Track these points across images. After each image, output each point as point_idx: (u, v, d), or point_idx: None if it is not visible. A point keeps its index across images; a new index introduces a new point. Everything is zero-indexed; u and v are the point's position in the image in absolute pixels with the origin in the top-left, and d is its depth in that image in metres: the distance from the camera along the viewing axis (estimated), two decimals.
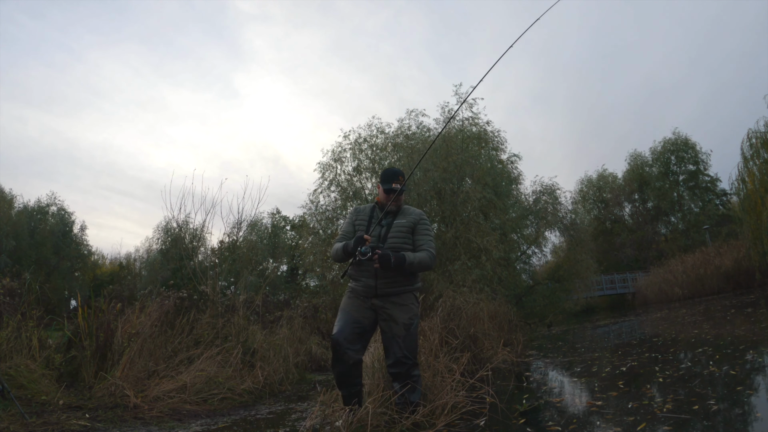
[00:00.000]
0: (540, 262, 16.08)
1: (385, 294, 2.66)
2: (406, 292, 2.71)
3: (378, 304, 2.66)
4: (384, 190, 2.80)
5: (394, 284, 2.67)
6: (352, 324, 2.61)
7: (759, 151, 13.40)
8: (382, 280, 2.65)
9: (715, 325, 7.21)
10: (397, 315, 2.64)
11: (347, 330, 2.58)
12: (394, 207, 2.79)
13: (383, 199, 2.83)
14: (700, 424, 2.38)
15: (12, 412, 3.09)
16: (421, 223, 2.79)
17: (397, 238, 2.73)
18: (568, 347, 7.36)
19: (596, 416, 2.79)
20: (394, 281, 2.67)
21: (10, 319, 4.31)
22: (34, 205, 27.02)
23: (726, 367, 3.77)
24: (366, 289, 2.69)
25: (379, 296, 2.66)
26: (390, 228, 2.75)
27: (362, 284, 2.70)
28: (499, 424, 2.71)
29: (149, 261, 28.88)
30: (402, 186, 2.76)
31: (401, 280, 2.69)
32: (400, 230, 2.74)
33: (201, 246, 12.82)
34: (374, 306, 2.67)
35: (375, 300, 2.66)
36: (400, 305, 2.67)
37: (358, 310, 2.68)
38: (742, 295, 13.23)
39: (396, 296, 2.67)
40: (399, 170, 2.86)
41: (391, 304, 2.65)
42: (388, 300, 2.66)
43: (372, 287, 2.66)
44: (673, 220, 27.01)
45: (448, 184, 10.55)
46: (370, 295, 2.67)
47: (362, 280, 2.70)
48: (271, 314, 6.82)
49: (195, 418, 3.62)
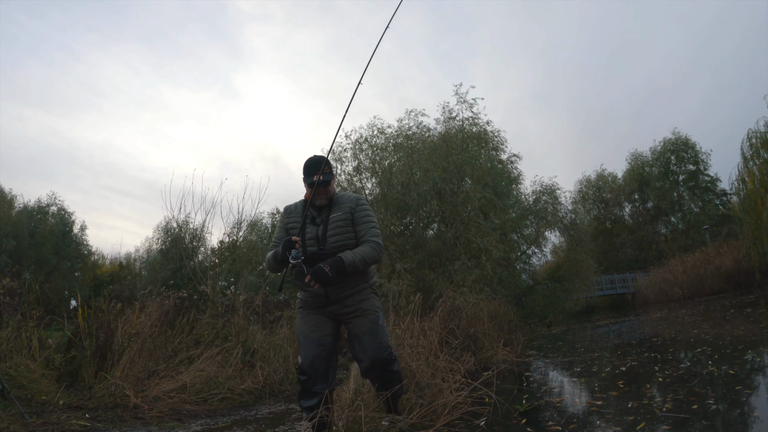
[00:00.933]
0: (540, 262, 16.12)
1: (340, 299, 2.37)
2: (361, 290, 2.42)
3: (336, 309, 2.38)
4: (307, 186, 2.43)
5: (345, 287, 2.37)
6: (318, 348, 2.30)
7: (759, 151, 13.40)
8: (332, 286, 2.33)
9: (714, 325, 7.21)
10: (360, 311, 2.38)
11: (314, 357, 2.27)
12: (323, 201, 2.42)
13: (309, 196, 2.45)
14: (699, 424, 2.39)
15: (12, 412, 3.09)
16: (358, 210, 2.42)
17: (338, 235, 2.36)
18: (568, 347, 7.36)
19: (596, 416, 2.79)
20: (345, 284, 2.36)
21: (10, 319, 4.31)
22: (34, 205, 27.07)
23: (725, 366, 3.77)
24: (317, 299, 2.39)
25: (333, 303, 2.37)
26: (327, 225, 2.38)
27: (311, 294, 2.40)
28: (500, 424, 2.71)
29: (149, 261, 28.89)
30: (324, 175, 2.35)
31: (353, 281, 2.39)
32: (338, 225, 2.37)
33: (201, 246, 12.86)
34: (332, 313, 2.39)
35: (330, 307, 2.38)
36: (360, 301, 2.39)
37: (316, 327, 2.36)
38: (742, 295, 13.23)
39: (351, 297, 2.39)
40: (321, 158, 2.44)
41: (350, 306, 2.38)
42: (345, 303, 2.38)
43: (322, 296, 2.36)
44: (673, 220, 27.01)
45: (448, 184, 10.56)
46: (323, 303, 2.38)
47: (310, 290, 2.36)
48: (271, 314, 6.82)
49: (195, 418, 3.62)
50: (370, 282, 2.47)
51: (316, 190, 2.37)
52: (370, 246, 2.33)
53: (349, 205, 2.42)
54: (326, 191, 2.40)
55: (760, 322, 6.84)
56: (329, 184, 2.39)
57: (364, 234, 2.36)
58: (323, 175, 2.33)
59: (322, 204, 2.42)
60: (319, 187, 2.36)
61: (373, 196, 11.59)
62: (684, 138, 26.45)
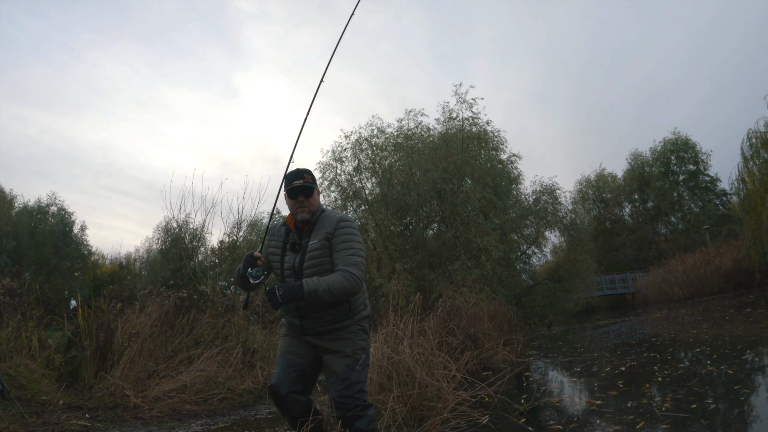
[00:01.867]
0: (540, 262, 16.11)
1: (316, 333, 2.09)
2: (343, 327, 2.09)
3: (314, 340, 2.11)
4: (288, 194, 2.07)
5: (325, 322, 2.06)
6: (290, 368, 2.09)
7: (759, 151, 13.41)
8: (309, 320, 2.06)
9: (713, 326, 7.21)
10: (336, 348, 2.07)
11: (284, 377, 2.07)
12: (305, 215, 2.06)
13: (292, 209, 2.10)
14: (698, 423, 2.39)
15: (12, 412, 3.09)
16: (337, 234, 2.03)
17: (314, 267, 2.02)
18: (567, 347, 7.37)
19: (596, 415, 2.79)
20: (323, 319, 2.05)
21: (10, 319, 4.31)
22: (34, 205, 27.05)
23: (724, 366, 3.78)
24: (291, 328, 2.16)
25: (308, 335, 2.11)
26: (305, 254, 2.05)
27: (288, 322, 2.18)
28: (499, 424, 2.71)
29: (149, 261, 28.88)
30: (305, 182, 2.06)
31: (333, 317, 2.05)
32: (313, 255, 2.03)
33: (201, 246, 12.84)
34: (311, 342, 2.13)
35: (306, 337, 2.12)
36: (340, 340, 2.08)
37: (293, 351, 2.14)
38: (742, 296, 13.23)
39: (330, 334, 2.09)
40: (305, 169, 2.14)
41: (328, 341, 2.08)
42: (322, 336, 2.09)
43: (297, 326, 2.11)
44: (673, 220, 27.01)
45: (448, 184, 10.56)
46: (299, 333, 2.13)
47: (287, 318, 2.17)
48: (271, 314, 6.82)
49: (195, 418, 3.62)
50: (356, 318, 2.12)
51: (298, 202, 2.05)
52: (341, 275, 1.92)
53: (326, 230, 2.04)
54: (309, 204, 2.06)
55: (759, 322, 6.85)
56: (311, 193, 2.07)
57: (339, 262, 1.98)
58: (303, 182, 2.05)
59: (303, 218, 2.07)
60: (300, 196, 2.04)
61: (373, 196, 11.61)
62: (684, 138, 26.46)
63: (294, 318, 2.11)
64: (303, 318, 2.07)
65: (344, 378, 2.01)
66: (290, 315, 2.13)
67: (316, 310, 2.04)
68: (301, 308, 2.05)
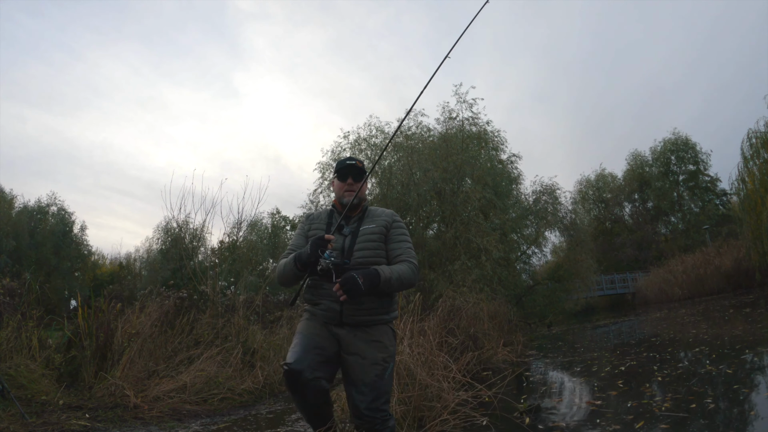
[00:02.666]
0: (540, 262, 16.11)
1: (354, 323, 1.97)
2: (380, 323, 2.02)
3: (343, 335, 1.97)
4: (338, 177, 2.12)
5: (365, 310, 1.97)
6: (313, 350, 1.91)
7: (759, 151, 13.41)
8: (350, 305, 1.94)
9: (713, 326, 7.22)
10: (367, 352, 1.94)
11: (307, 357, 1.87)
12: (354, 200, 2.08)
13: (339, 192, 2.12)
14: (697, 423, 2.39)
15: (12, 412, 3.10)
16: (395, 227, 2.10)
17: (367, 249, 2.01)
18: (567, 347, 7.37)
19: (596, 415, 2.80)
20: (365, 306, 1.97)
21: (10, 319, 4.31)
22: (34, 205, 27.07)
23: (722, 366, 3.79)
24: (328, 315, 1.99)
25: (346, 325, 1.98)
26: (356, 236, 2.03)
27: (323, 308, 2.01)
28: (500, 424, 2.71)
29: (149, 261, 28.90)
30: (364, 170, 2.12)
31: (375, 306, 1.99)
32: (369, 239, 2.03)
33: (201, 246, 12.84)
34: (338, 336, 1.99)
35: (339, 329, 1.98)
36: (372, 342, 1.97)
37: (318, 333, 1.98)
38: (742, 296, 13.24)
39: (368, 327, 1.99)
40: (356, 158, 2.20)
41: (360, 339, 1.97)
42: (356, 332, 1.98)
43: (336, 313, 1.97)
44: (673, 220, 27.03)
45: (448, 184, 10.57)
46: (334, 322, 1.99)
47: (323, 303, 2.01)
48: (271, 314, 6.83)
49: (195, 418, 3.62)
50: (391, 315, 2.06)
51: (347, 184, 2.09)
52: (408, 266, 1.98)
53: (385, 219, 2.10)
54: (357, 188, 2.10)
55: (758, 323, 6.86)
56: (361, 178, 2.11)
57: (401, 253, 2.03)
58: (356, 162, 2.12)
59: (349, 201, 2.07)
60: (350, 178, 2.09)
61: (372, 196, 11.61)
62: (684, 138, 26.48)
63: (333, 302, 1.96)
64: (343, 302, 1.91)
65: (374, 388, 1.88)
66: (328, 299, 1.98)
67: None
68: None
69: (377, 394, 1.89)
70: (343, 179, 2.10)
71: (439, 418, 2.69)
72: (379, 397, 1.89)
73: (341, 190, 2.11)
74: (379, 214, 2.14)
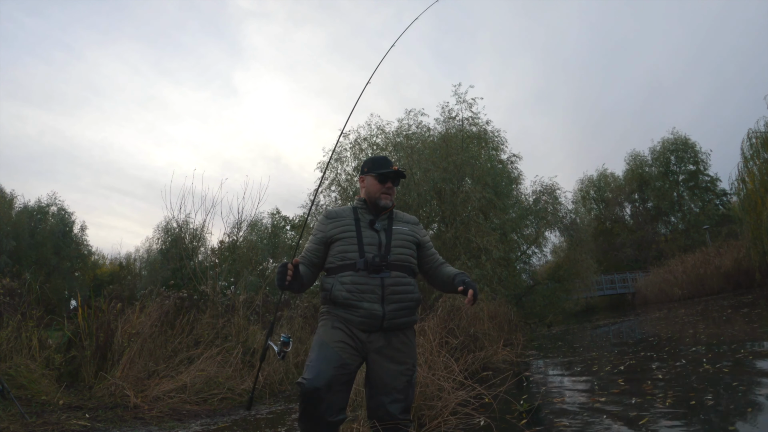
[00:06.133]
0: (540, 262, 16.10)
1: (392, 327, 1.84)
2: (411, 324, 1.94)
3: (374, 339, 1.82)
4: (380, 178, 2.00)
5: (405, 311, 1.87)
6: (337, 368, 1.73)
7: (759, 151, 13.40)
8: (393, 305, 1.82)
9: (711, 325, 7.23)
10: (400, 357, 1.84)
11: (329, 375, 1.68)
12: (388, 201, 2.00)
13: (375, 193, 2.00)
14: (698, 418, 2.41)
15: (12, 412, 3.09)
16: (422, 234, 2.10)
17: (404, 248, 1.94)
18: (567, 347, 7.37)
19: (598, 413, 2.80)
20: (405, 307, 1.87)
21: (10, 319, 4.31)
22: (34, 205, 27.08)
23: (719, 364, 3.80)
24: (369, 320, 1.80)
25: (384, 330, 1.83)
26: (390, 234, 1.95)
27: (361, 313, 1.80)
28: (499, 424, 2.71)
29: (149, 261, 28.91)
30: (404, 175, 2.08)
31: (412, 306, 1.90)
32: (405, 239, 1.97)
33: (201, 246, 12.85)
34: (367, 345, 1.82)
35: (372, 336, 1.82)
36: (404, 346, 1.87)
37: (346, 348, 1.79)
38: (742, 296, 13.25)
39: (401, 331, 1.88)
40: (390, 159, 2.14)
41: (393, 344, 1.85)
42: (389, 337, 1.84)
43: (378, 317, 1.80)
44: (673, 220, 27.04)
45: (448, 184, 10.56)
46: (372, 328, 1.81)
47: (363, 307, 1.80)
48: (271, 314, 6.82)
49: (195, 418, 3.62)
50: (417, 316, 2.00)
51: (386, 187, 2.00)
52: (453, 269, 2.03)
53: (413, 225, 2.08)
54: (394, 192, 2.06)
55: (754, 322, 6.88)
56: (399, 183, 2.08)
57: (439, 258, 2.08)
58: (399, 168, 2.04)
59: (387, 205, 2.00)
60: (389, 182, 2.01)
61: None
62: (683, 138, 26.48)
63: (374, 303, 1.81)
64: (386, 302, 1.82)
65: (406, 395, 1.81)
66: (367, 299, 1.81)
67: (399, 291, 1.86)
68: (386, 287, 1.83)
69: (408, 402, 1.84)
70: (383, 182, 2.01)
71: (439, 418, 2.69)
72: (408, 405, 1.85)
73: (378, 192, 2.00)
74: (406, 219, 2.10)
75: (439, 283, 2.05)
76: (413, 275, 1.98)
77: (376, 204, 2.00)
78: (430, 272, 2.06)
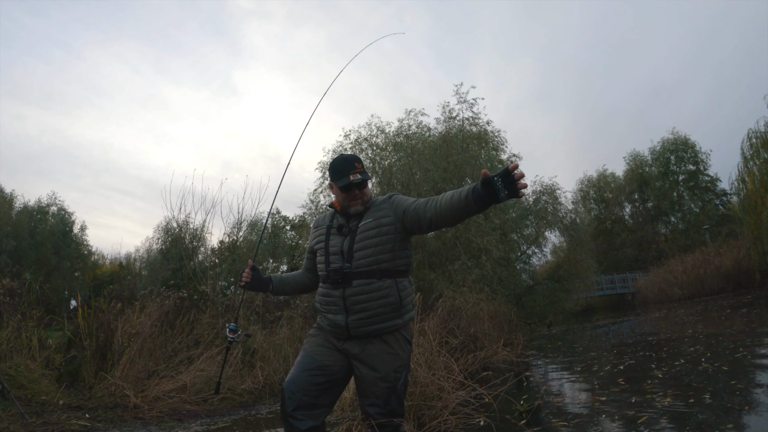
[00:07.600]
0: (540, 262, 16.11)
1: (361, 335, 1.78)
2: (392, 330, 1.80)
3: (350, 347, 1.80)
4: (341, 189, 1.84)
5: (374, 319, 1.76)
6: (313, 370, 1.76)
7: (759, 151, 13.40)
8: (357, 315, 1.76)
9: (709, 325, 7.24)
10: (378, 365, 1.76)
11: (303, 379, 1.73)
12: (359, 207, 1.86)
13: (342, 202, 1.89)
14: (696, 417, 2.41)
15: (12, 412, 3.09)
16: (400, 202, 1.84)
17: (368, 248, 1.78)
18: (567, 347, 7.38)
19: (598, 412, 2.80)
20: (373, 314, 1.75)
21: (10, 319, 4.31)
22: (34, 205, 27.10)
23: (718, 363, 3.81)
24: (336, 330, 1.81)
25: (353, 338, 1.79)
26: (355, 236, 1.81)
27: (328, 323, 1.83)
28: (499, 424, 2.71)
29: (149, 261, 28.91)
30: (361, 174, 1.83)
31: (385, 312, 1.76)
32: (370, 236, 1.79)
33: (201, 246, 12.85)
34: (345, 350, 1.81)
35: (347, 344, 1.80)
36: (384, 353, 1.78)
37: (323, 351, 1.81)
38: (742, 296, 13.25)
39: (378, 338, 1.79)
40: (353, 156, 1.93)
41: (371, 351, 1.77)
42: (365, 345, 1.78)
43: (342, 327, 1.78)
44: (673, 220, 27.06)
45: (448, 184, 10.56)
46: (341, 336, 1.81)
47: (328, 317, 1.83)
48: (271, 314, 6.83)
49: (195, 418, 3.62)
50: (405, 318, 1.83)
51: (351, 195, 1.84)
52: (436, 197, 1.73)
53: (384, 206, 1.85)
54: (363, 195, 1.87)
55: (753, 322, 6.89)
56: (366, 185, 1.88)
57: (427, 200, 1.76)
58: (361, 176, 1.82)
59: (358, 211, 1.86)
60: (354, 189, 1.83)
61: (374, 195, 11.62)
62: (683, 138, 26.49)
63: (337, 314, 1.78)
64: (349, 313, 1.76)
65: (387, 400, 1.77)
66: (332, 311, 1.81)
67: (363, 300, 1.75)
68: (347, 298, 1.75)
69: (390, 405, 1.78)
70: (347, 191, 1.85)
71: (439, 418, 2.69)
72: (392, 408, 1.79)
73: (345, 201, 1.87)
74: (377, 205, 1.88)
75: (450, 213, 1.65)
76: (389, 275, 1.79)
77: (349, 213, 1.88)
78: (429, 215, 1.71)
